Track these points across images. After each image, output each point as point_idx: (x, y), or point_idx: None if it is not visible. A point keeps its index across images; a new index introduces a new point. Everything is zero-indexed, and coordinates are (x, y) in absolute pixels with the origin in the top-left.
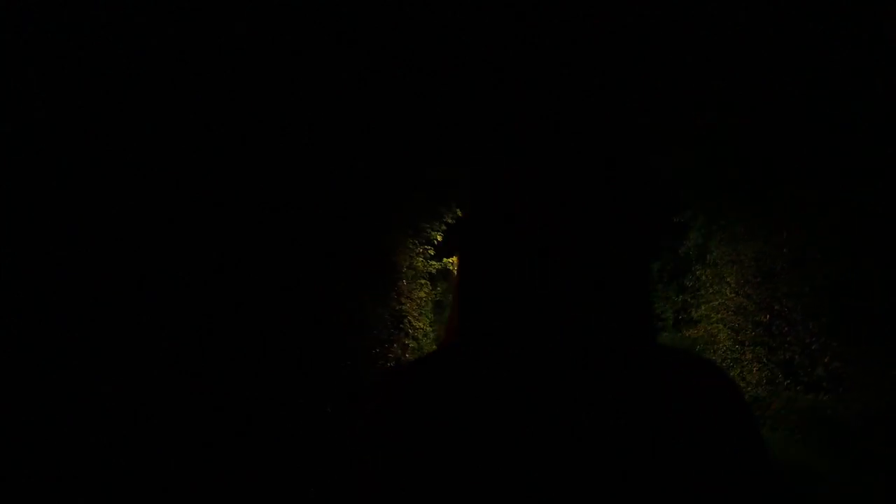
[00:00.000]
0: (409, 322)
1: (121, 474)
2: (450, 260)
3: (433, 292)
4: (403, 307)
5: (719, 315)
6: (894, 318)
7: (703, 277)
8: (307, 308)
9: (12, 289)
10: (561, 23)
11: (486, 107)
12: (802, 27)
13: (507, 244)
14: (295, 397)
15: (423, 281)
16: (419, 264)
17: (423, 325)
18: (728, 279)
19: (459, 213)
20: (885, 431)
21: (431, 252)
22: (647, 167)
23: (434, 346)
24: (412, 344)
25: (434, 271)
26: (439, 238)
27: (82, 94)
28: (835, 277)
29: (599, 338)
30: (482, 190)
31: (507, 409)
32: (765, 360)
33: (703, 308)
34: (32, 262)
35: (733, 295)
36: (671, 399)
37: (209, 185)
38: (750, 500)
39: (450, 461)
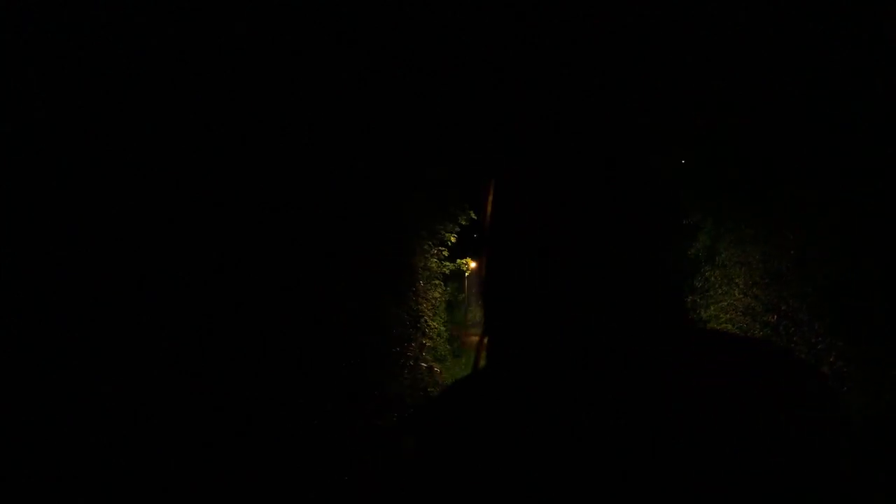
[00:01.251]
0: (426, 322)
1: (121, 474)
2: (463, 261)
3: (446, 292)
4: (420, 307)
5: (728, 315)
6: (893, 318)
7: (712, 279)
8: (323, 309)
9: (12, 289)
10: (561, 24)
11: (493, 111)
12: (802, 27)
13: (529, 252)
14: (295, 397)
15: (437, 281)
16: (433, 265)
17: (438, 324)
18: (736, 280)
19: (473, 215)
20: (884, 430)
21: (445, 253)
22: (653, 168)
23: (447, 346)
24: (428, 343)
25: (448, 272)
26: (453, 239)
27: (82, 94)
28: (835, 278)
29: (634, 341)
30: (499, 199)
31: (559, 429)
32: None
33: (712, 308)
34: (32, 262)
35: (741, 296)
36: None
37: (212, 186)
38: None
39: (502, 483)
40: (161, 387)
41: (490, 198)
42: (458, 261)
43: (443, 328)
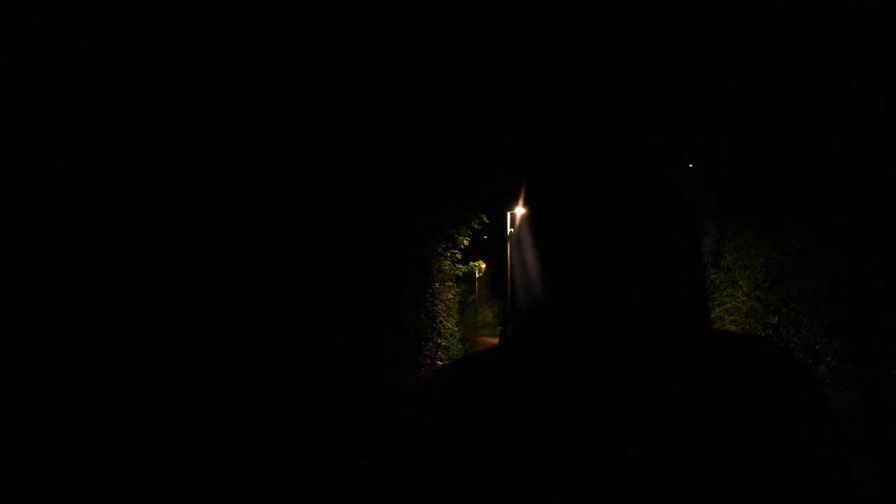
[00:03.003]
0: (441, 322)
1: (121, 474)
2: (475, 263)
3: (458, 293)
4: (436, 308)
5: (732, 317)
6: (887, 321)
7: (717, 281)
8: (348, 310)
9: (12, 289)
10: (586, 38)
11: (516, 119)
12: (801, 28)
13: (566, 248)
14: (320, 393)
15: (450, 283)
16: (447, 267)
17: (451, 324)
18: (740, 283)
19: (485, 219)
20: (875, 423)
21: (458, 256)
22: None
23: (460, 345)
24: (444, 342)
25: (461, 274)
26: (466, 242)
27: (81, 94)
28: (833, 282)
29: (657, 329)
30: (538, 199)
31: (566, 404)
32: None
33: (717, 310)
34: (32, 262)
35: (745, 298)
36: (733, 387)
37: (257, 196)
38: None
39: (501, 451)
40: (165, 387)
41: (519, 202)
42: (471, 263)
43: (455, 328)
